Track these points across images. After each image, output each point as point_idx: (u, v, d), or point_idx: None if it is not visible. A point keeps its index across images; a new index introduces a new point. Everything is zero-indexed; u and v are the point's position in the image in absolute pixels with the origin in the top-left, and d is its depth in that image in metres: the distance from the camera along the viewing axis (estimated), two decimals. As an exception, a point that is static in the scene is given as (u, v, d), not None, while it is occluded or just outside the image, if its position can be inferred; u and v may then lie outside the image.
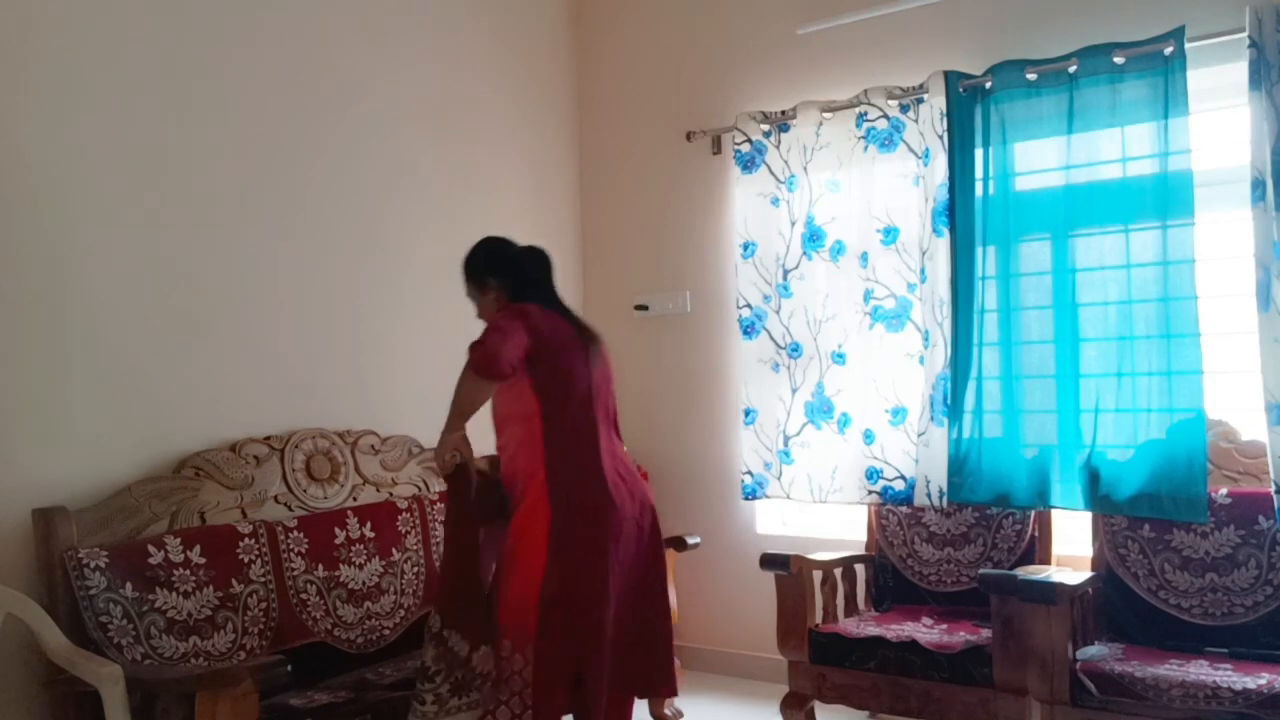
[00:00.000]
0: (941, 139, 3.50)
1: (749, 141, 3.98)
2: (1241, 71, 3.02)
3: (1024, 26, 3.51)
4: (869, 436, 3.72)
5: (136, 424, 2.88)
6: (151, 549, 2.67)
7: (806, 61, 3.99)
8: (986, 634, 2.97)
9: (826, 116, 3.81)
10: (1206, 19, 3.13)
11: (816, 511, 4.00)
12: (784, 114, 3.92)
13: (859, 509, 3.78)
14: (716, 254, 4.22)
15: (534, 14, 4.40)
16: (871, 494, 3.70)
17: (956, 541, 3.50)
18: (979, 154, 3.47)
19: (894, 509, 3.65)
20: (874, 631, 3.16)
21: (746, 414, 3.99)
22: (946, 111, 3.49)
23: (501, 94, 4.20)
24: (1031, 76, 3.35)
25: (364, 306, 3.57)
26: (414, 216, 3.77)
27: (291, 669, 2.33)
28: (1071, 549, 3.35)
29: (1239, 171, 3.07)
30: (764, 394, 3.96)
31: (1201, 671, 2.70)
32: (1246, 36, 3.00)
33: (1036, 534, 3.37)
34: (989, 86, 3.44)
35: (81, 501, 2.68)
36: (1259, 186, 2.99)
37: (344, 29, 3.54)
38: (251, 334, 3.20)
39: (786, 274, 3.90)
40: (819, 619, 3.31)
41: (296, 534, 3.02)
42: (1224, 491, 3.07)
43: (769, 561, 3.25)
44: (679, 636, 3.44)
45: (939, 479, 3.49)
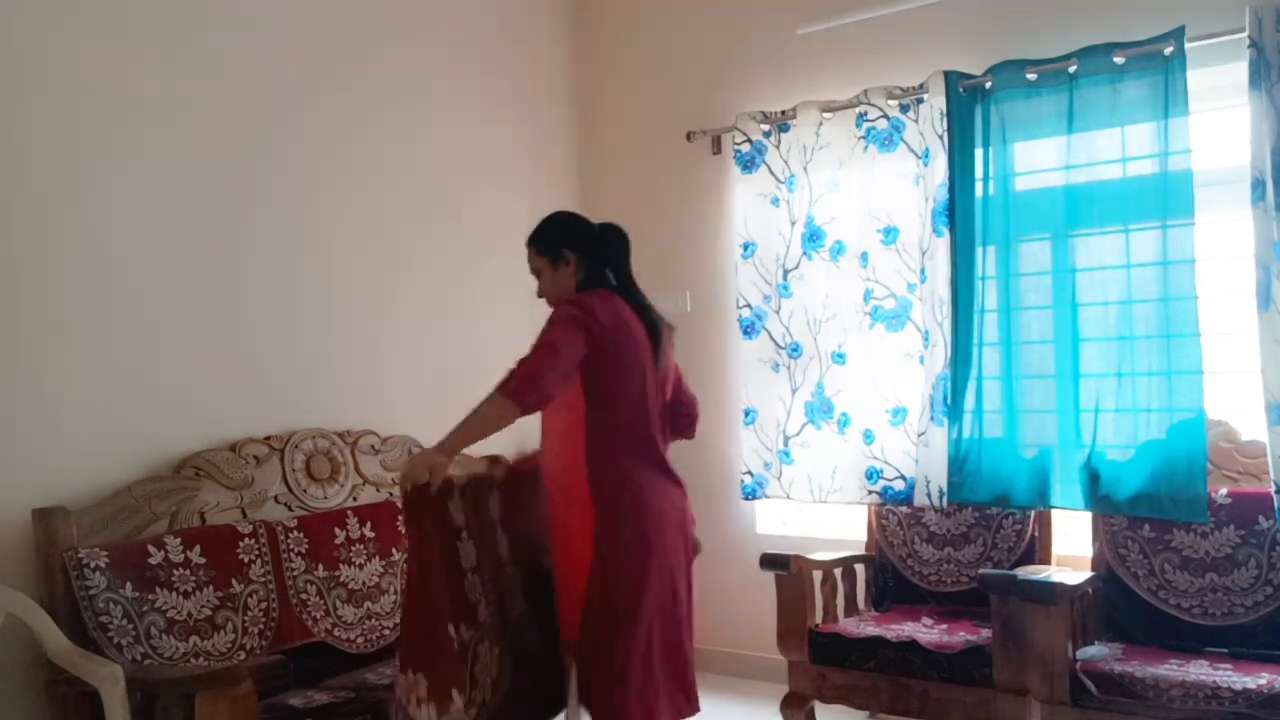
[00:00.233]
0: (941, 139, 3.50)
1: (749, 141, 3.98)
2: (1241, 71, 3.02)
3: (1024, 26, 3.51)
4: (869, 436, 3.71)
5: (136, 424, 2.88)
6: (151, 549, 2.67)
7: (806, 61, 3.98)
8: (986, 634, 2.97)
9: (826, 116, 3.81)
10: (1206, 19, 3.13)
11: (816, 511, 4.00)
12: (784, 114, 3.92)
13: (859, 509, 3.78)
14: (716, 254, 4.22)
15: (534, 13, 4.40)
16: (871, 494, 3.70)
17: (956, 541, 3.50)
18: (979, 154, 3.47)
19: (894, 509, 3.65)
20: (874, 631, 3.16)
21: (746, 414, 3.99)
22: (946, 111, 3.49)
23: (501, 94, 4.20)
24: (1031, 76, 3.35)
25: (364, 307, 3.56)
26: (414, 216, 3.77)
27: (292, 669, 2.33)
28: (1071, 549, 3.35)
29: (1239, 171, 3.07)
30: (764, 394, 3.96)
31: (1201, 671, 2.70)
32: (1246, 36, 2.99)
33: (1036, 534, 3.37)
34: (989, 86, 3.44)
35: (81, 501, 2.68)
36: (1259, 186, 2.98)
37: (344, 29, 3.54)
38: (252, 334, 3.20)
39: (786, 274, 3.90)
40: (819, 619, 3.31)
41: (296, 534, 3.01)
42: (1224, 491, 3.07)
43: (769, 561, 3.25)
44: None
45: (939, 479, 3.49)
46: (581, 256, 2.64)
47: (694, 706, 2.66)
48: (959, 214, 3.49)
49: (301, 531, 3.03)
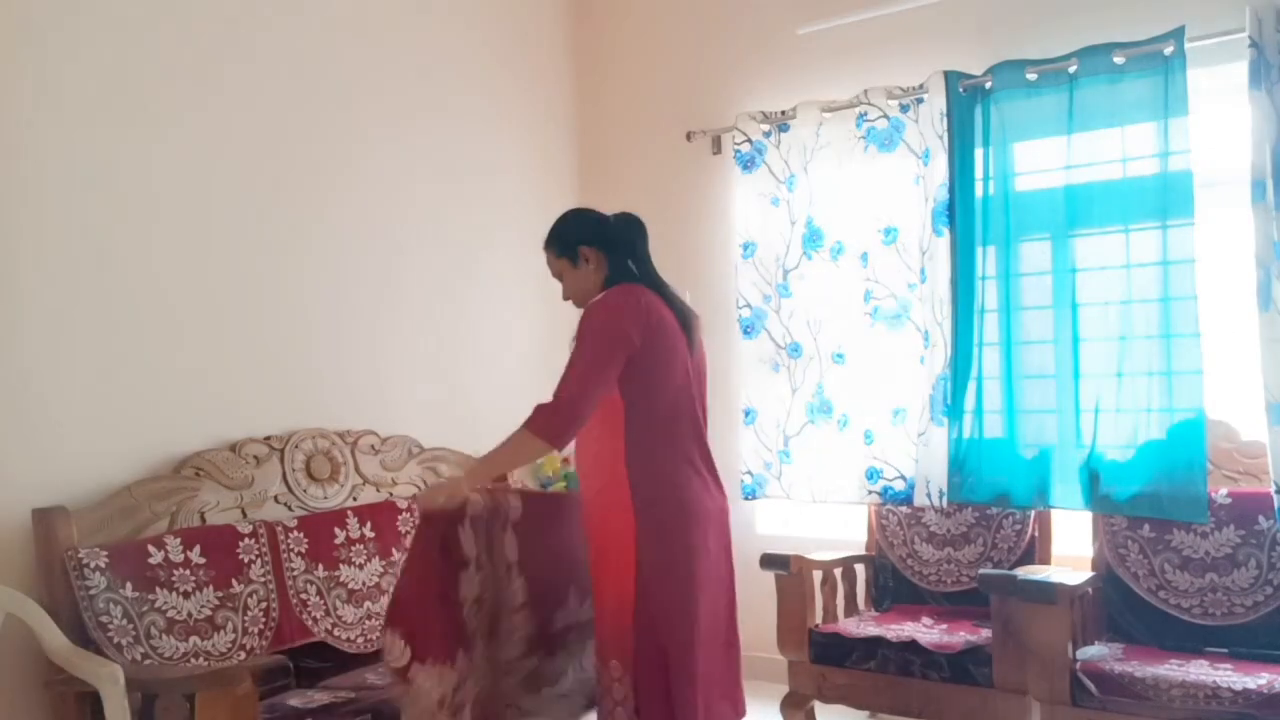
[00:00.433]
0: (941, 139, 3.50)
1: (749, 141, 3.98)
2: (1241, 71, 3.02)
3: (1024, 26, 3.51)
4: (869, 436, 3.71)
5: (136, 424, 2.88)
6: (151, 549, 2.67)
7: (806, 61, 3.98)
8: (986, 634, 2.97)
9: (826, 116, 3.81)
10: (1206, 19, 3.13)
11: (816, 511, 4.00)
12: (784, 114, 3.92)
13: (859, 509, 3.78)
14: (716, 254, 4.21)
15: (534, 14, 4.40)
16: (871, 494, 3.70)
17: (956, 541, 3.50)
18: (979, 154, 3.47)
19: (894, 509, 3.65)
20: (874, 631, 3.16)
21: (746, 414, 3.99)
22: (946, 111, 3.49)
23: (501, 94, 4.20)
24: (1031, 76, 3.35)
25: (364, 307, 3.56)
26: (414, 217, 3.77)
27: (292, 669, 2.33)
28: (1071, 549, 3.34)
29: (1239, 171, 3.07)
30: (764, 394, 3.96)
31: (1201, 671, 2.70)
32: (1246, 36, 2.99)
33: (1036, 534, 3.37)
34: (989, 86, 3.44)
35: (81, 501, 2.68)
36: (1259, 186, 2.98)
37: (343, 29, 3.54)
38: (252, 334, 3.19)
39: (786, 274, 3.90)
40: (819, 619, 3.31)
41: (296, 534, 3.01)
42: (1224, 491, 3.07)
43: (769, 561, 3.25)
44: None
45: (939, 479, 3.49)
46: (601, 251, 2.56)
47: (740, 710, 2.60)
48: (959, 214, 3.49)
49: (301, 531, 3.03)
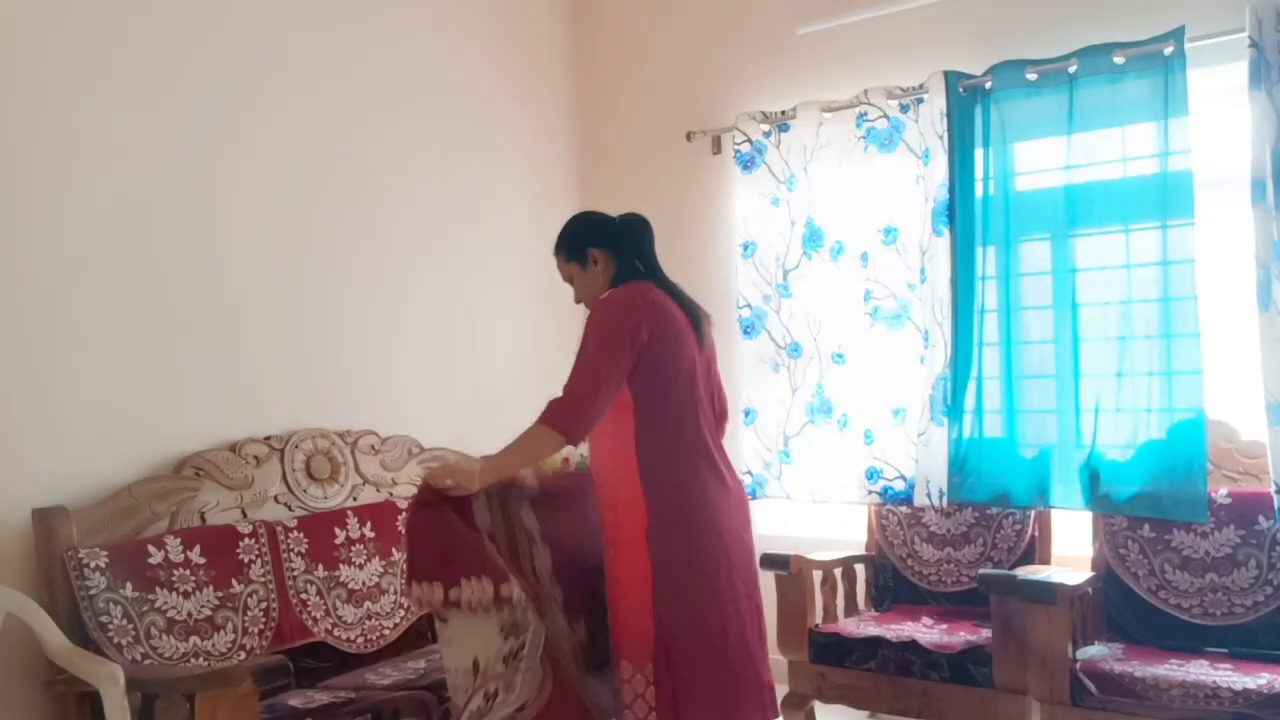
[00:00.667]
0: (941, 139, 3.50)
1: (749, 141, 3.98)
2: (1241, 71, 3.02)
3: (1024, 26, 3.51)
4: (869, 436, 3.71)
5: (136, 424, 2.88)
6: (151, 549, 2.67)
7: (806, 61, 3.98)
8: (986, 634, 2.97)
9: (826, 116, 3.81)
10: (1206, 19, 3.13)
11: (816, 511, 4.00)
12: (784, 114, 3.92)
13: (859, 509, 3.78)
14: (716, 254, 4.21)
15: (533, 13, 4.40)
16: (871, 494, 3.70)
17: (956, 541, 3.50)
18: (979, 154, 3.47)
19: (894, 509, 3.65)
20: (874, 631, 3.16)
21: (746, 414, 3.99)
22: (946, 111, 3.49)
23: (501, 94, 4.20)
24: (1031, 76, 3.35)
25: (364, 306, 3.56)
26: (414, 217, 3.77)
27: (292, 669, 2.33)
28: (1071, 549, 3.34)
29: (1239, 171, 3.07)
30: (764, 394, 3.96)
31: (1201, 671, 2.70)
32: (1246, 36, 2.99)
33: (1036, 534, 3.37)
34: (989, 86, 3.44)
35: (81, 501, 2.68)
36: (1259, 186, 2.98)
37: (344, 27, 3.54)
38: (251, 334, 3.19)
39: (786, 274, 3.90)
40: (819, 619, 3.31)
41: (296, 534, 3.01)
42: (1224, 491, 3.07)
43: (769, 561, 3.24)
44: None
45: (939, 479, 3.49)
46: (608, 252, 2.58)
47: (772, 711, 2.56)
48: (959, 214, 3.49)
49: (301, 531, 3.03)
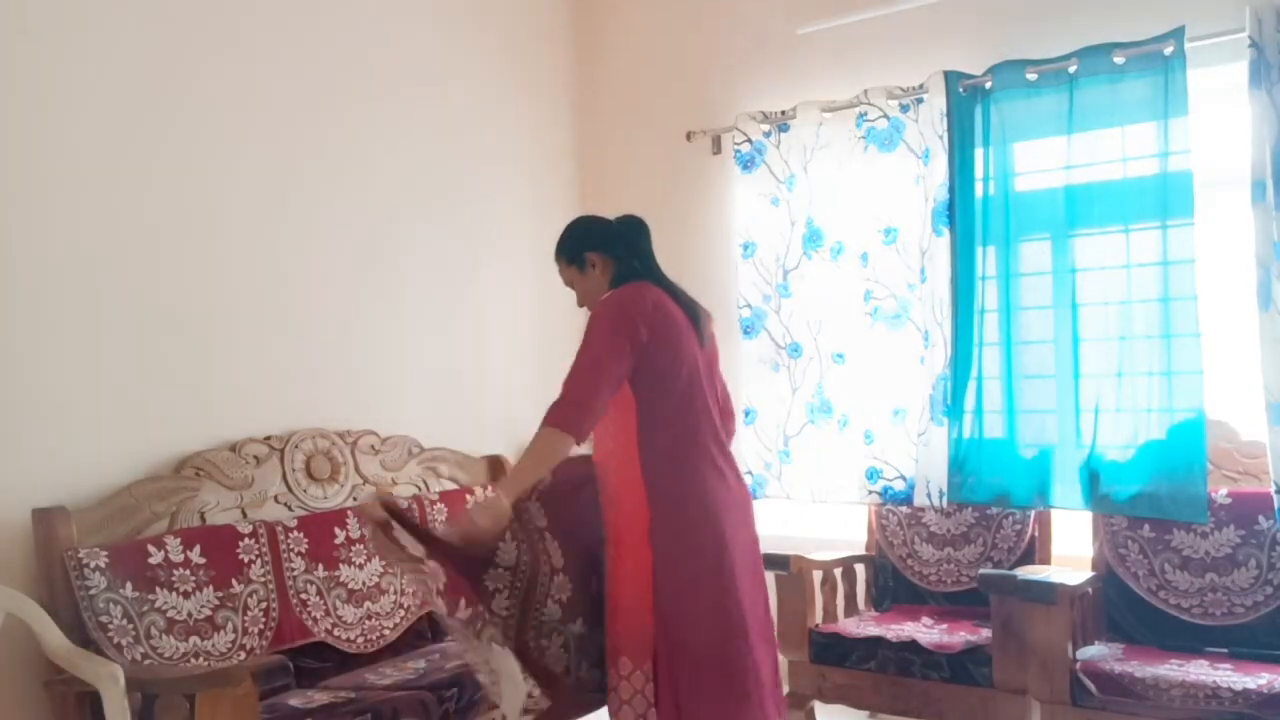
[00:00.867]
0: (941, 139, 3.50)
1: (749, 141, 3.98)
2: (1241, 71, 3.02)
3: (1024, 26, 3.51)
4: (869, 436, 3.71)
5: (136, 424, 2.88)
6: (151, 549, 2.67)
7: (806, 61, 3.98)
8: (986, 634, 2.97)
9: (826, 116, 3.81)
10: (1206, 19, 3.13)
11: (816, 511, 4.00)
12: (784, 114, 3.91)
13: (859, 509, 3.78)
14: (716, 254, 4.21)
15: (533, 13, 4.40)
16: (871, 494, 3.70)
17: (956, 541, 3.50)
18: (979, 154, 3.47)
19: (894, 509, 3.65)
20: (874, 631, 3.16)
21: (746, 414, 3.98)
22: (946, 111, 3.49)
23: (501, 94, 4.20)
24: (1031, 76, 3.35)
25: (364, 307, 3.56)
26: (413, 217, 3.77)
27: (292, 669, 2.33)
28: (1071, 549, 3.34)
29: (1239, 171, 3.07)
30: (764, 394, 3.96)
31: (1201, 671, 2.70)
32: (1246, 36, 2.99)
33: (1036, 534, 3.37)
34: (989, 86, 3.44)
35: (81, 501, 2.68)
36: (1259, 186, 2.98)
37: (343, 27, 3.54)
38: (252, 334, 3.19)
39: (786, 274, 3.90)
40: (819, 619, 3.31)
41: (296, 534, 3.01)
42: (1224, 491, 3.07)
43: (769, 561, 3.23)
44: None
45: (939, 479, 3.49)
46: (606, 255, 2.61)
47: (777, 712, 2.57)
48: (959, 214, 3.48)
49: (301, 531, 3.03)
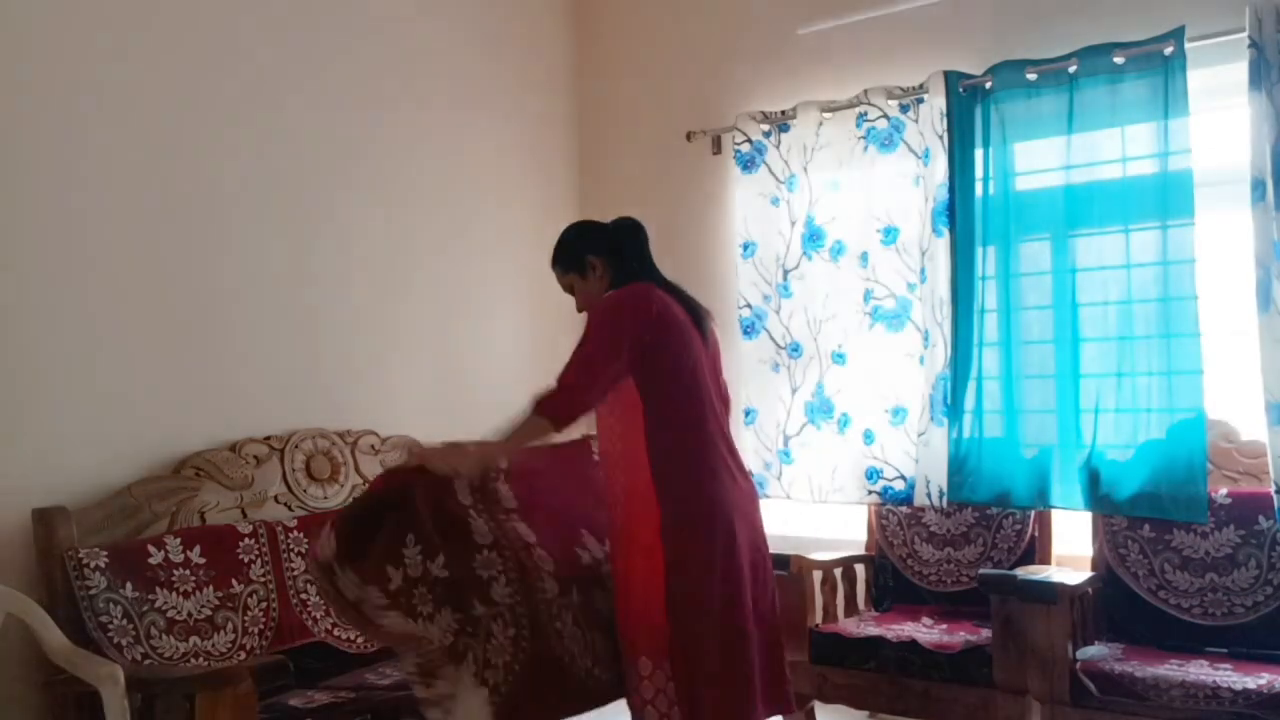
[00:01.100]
0: (941, 139, 3.50)
1: (749, 141, 3.98)
2: (1241, 71, 3.02)
3: (1024, 26, 3.51)
4: (869, 436, 3.71)
5: (136, 424, 2.88)
6: (151, 549, 2.67)
7: (806, 61, 3.98)
8: (986, 634, 2.97)
9: (826, 116, 3.81)
10: (1206, 19, 3.13)
11: (816, 511, 4.00)
12: (784, 114, 3.92)
13: (859, 509, 3.78)
14: (716, 254, 4.21)
15: (533, 13, 4.40)
16: (871, 494, 3.70)
17: (956, 541, 3.50)
18: (979, 154, 3.47)
19: (894, 509, 3.65)
20: (874, 631, 3.16)
21: (746, 414, 3.99)
22: (946, 111, 3.49)
23: (501, 93, 4.20)
24: (1031, 76, 3.35)
25: (364, 306, 3.56)
26: (413, 217, 3.77)
27: (292, 669, 2.33)
28: (1071, 549, 3.35)
29: (1239, 171, 3.07)
30: (764, 394, 3.96)
31: (1201, 671, 2.70)
32: (1246, 36, 2.99)
33: (1036, 534, 3.37)
34: (989, 86, 3.44)
35: (81, 501, 2.68)
36: (1259, 186, 2.98)
37: (342, 30, 3.54)
38: (252, 334, 3.20)
39: (786, 274, 3.90)
40: (819, 619, 3.32)
41: (296, 534, 3.01)
42: (1224, 491, 3.07)
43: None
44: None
45: (939, 479, 3.49)
46: (605, 258, 2.61)
47: (790, 707, 2.59)
48: (959, 214, 3.48)
49: (301, 531, 3.03)
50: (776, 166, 3.93)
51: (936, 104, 3.51)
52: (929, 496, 3.51)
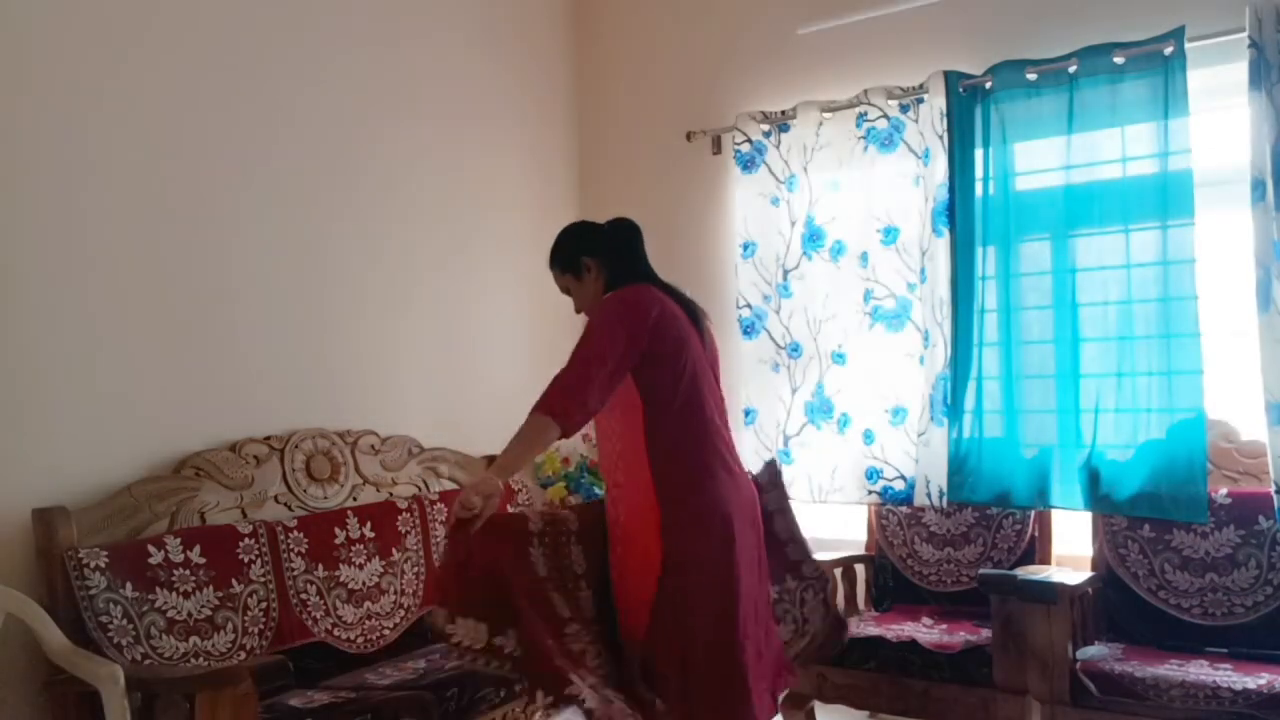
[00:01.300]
0: (941, 139, 3.50)
1: (749, 141, 3.98)
2: (1241, 71, 3.02)
3: (1024, 26, 3.51)
4: (869, 436, 3.71)
5: (136, 424, 2.88)
6: (151, 549, 2.67)
7: (806, 61, 3.98)
8: (986, 634, 2.97)
9: (826, 116, 3.81)
10: (1206, 19, 3.13)
11: (816, 511, 4.00)
12: (784, 114, 3.92)
13: (859, 509, 3.78)
14: (716, 254, 4.21)
15: (533, 14, 4.40)
16: (871, 494, 3.70)
17: (956, 541, 3.50)
18: (979, 154, 3.47)
19: (894, 509, 3.65)
20: (874, 631, 3.16)
21: (746, 414, 3.99)
22: (946, 111, 3.49)
23: (501, 94, 4.20)
24: (1031, 76, 3.35)
25: (365, 306, 3.56)
26: (414, 217, 3.77)
27: (292, 669, 2.33)
28: (1071, 549, 3.35)
29: (1239, 171, 3.07)
30: (764, 394, 3.96)
31: (1201, 671, 2.70)
32: (1246, 36, 3.00)
33: (1036, 534, 3.37)
34: (989, 86, 3.44)
35: (81, 501, 2.68)
36: (1259, 186, 2.99)
37: (342, 31, 3.54)
38: (252, 334, 3.19)
39: (786, 274, 3.90)
40: (819, 619, 3.31)
41: (296, 534, 3.01)
42: (1224, 491, 3.07)
43: (769, 561, 3.25)
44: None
45: (939, 479, 3.49)
46: (601, 259, 2.60)
47: (796, 678, 2.63)
48: (959, 214, 3.49)
49: (301, 531, 3.03)
50: (776, 166, 3.93)
51: (936, 104, 3.51)
52: (929, 496, 3.51)
